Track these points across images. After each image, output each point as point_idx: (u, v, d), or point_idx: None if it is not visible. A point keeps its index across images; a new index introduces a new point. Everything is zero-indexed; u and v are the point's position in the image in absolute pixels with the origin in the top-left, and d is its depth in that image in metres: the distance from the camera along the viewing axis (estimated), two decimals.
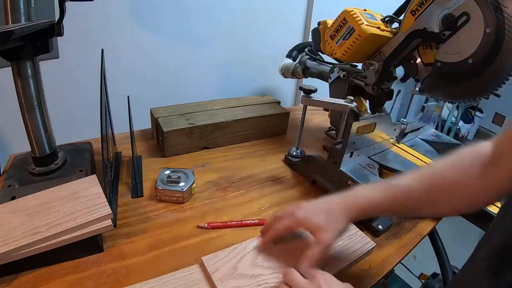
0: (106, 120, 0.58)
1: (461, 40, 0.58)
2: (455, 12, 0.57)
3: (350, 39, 0.69)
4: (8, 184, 0.55)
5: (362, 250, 0.51)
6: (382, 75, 0.71)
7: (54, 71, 0.79)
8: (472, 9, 0.55)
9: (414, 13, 0.63)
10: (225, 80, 1.19)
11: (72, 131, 0.77)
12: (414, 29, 0.63)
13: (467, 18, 0.56)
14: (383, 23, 0.70)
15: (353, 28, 0.68)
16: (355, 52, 0.70)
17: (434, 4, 0.60)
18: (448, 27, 0.59)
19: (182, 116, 0.81)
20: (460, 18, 0.57)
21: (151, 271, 0.47)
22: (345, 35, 0.70)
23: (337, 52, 0.73)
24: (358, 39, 0.67)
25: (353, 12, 0.68)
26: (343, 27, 0.69)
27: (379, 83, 0.72)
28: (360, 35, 0.66)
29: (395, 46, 0.67)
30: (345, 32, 0.69)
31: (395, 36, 0.68)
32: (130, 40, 0.92)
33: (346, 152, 0.66)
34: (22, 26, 0.44)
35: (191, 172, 0.65)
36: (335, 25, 0.72)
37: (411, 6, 0.63)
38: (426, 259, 1.32)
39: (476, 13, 0.55)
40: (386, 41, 0.69)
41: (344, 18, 0.69)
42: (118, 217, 0.56)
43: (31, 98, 0.52)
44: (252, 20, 1.15)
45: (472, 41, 0.56)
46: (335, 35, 0.72)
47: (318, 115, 1.12)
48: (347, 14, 0.68)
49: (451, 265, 0.73)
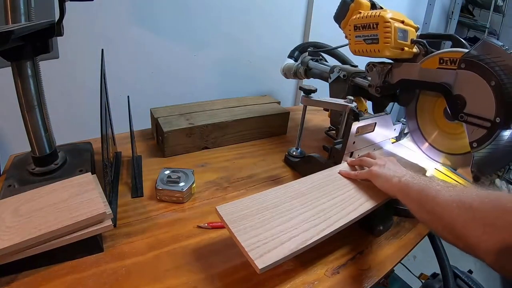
0: (106, 120, 0.58)
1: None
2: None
3: (369, 45, 0.66)
4: (8, 184, 0.55)
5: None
6: (387, 88, 0.70)
7: (54, 71, 0.78)
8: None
9: (442, 62, 0.61)
10: (225, 80, 1.19)
11: (72, 131, 0.77)
12: (436, 81, 0.62)
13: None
14: (410, 44, 0.66)
15: (377, 40, 0.64)
16: (366, 56, 0.69)
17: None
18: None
19: (182, 116, 0.81)
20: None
21: (151, 271, 0.47)
22: (367, 39, 0.66)
23: (351, 44, 0.70)
24: (375, 52, 0.65)
25: (387, 25, 0.62)
26: (371, 30, 0.65)
27: (383, 86, 0.71)
28: (379, 50, 0.64)
29: (408, 72, 0.66)
30: (369, 36, 0.65)
31: (412, 64, 0.66)
32: (130, 40, 0.92)
33: (346, 152, 0.65)
34: (22, 26, 0.44)
35: (191, 172, 0.65)
36: (365, 19, 0.66)
37: (443, 54, 0.61)
38: (426, 259, 1.32)
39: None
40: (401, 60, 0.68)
41: (377, 24, 0.64)
42: (118, 217, 0.56)
43: (31, 98, 0.52)
44: (252, 20, 1.15)
45: (486, 100, 0.54)
46: (359, 29, 0.67)
47: (318, 115, 1.12)
48: (382, 22, 0.63)
49: (451, 265, 0.73)
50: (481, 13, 2.28)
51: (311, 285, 0.48)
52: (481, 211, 0.36)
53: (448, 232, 0.40)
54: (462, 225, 0.37)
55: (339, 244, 0.55)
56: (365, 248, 0.56)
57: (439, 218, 0.41)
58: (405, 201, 0.49)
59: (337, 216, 0.50)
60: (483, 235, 0.34)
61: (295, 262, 0.51)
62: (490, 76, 0.53)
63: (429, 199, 0.43)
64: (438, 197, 0.42)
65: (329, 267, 0.51)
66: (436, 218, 0.42)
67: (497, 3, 2.02)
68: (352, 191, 0.56)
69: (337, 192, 0.55)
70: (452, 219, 0.39)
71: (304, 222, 0.47)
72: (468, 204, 0.38)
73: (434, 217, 0.42)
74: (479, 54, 0.54)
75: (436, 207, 0.42)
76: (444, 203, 0.41)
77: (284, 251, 0.42)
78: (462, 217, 0.38)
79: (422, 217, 0.45)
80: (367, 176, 0.57)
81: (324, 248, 0.53)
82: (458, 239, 0.38)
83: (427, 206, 0.43)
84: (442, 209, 0.41)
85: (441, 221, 0.41)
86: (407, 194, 0.48)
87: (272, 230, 0.45)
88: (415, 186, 0.47)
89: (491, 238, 0.34)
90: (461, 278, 0.87)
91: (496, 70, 0.53)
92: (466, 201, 0.38)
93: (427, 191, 0.44)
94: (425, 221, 0.46)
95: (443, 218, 0.40)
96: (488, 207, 0.36)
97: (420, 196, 0.45)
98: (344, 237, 0.56)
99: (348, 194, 0.55)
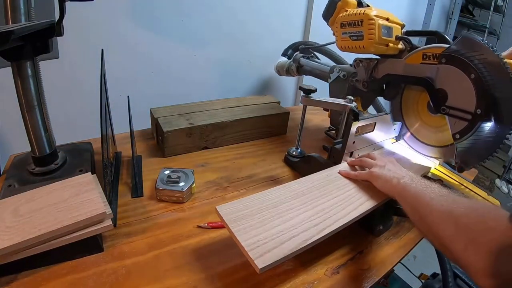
0: (106, 120, 0.58)
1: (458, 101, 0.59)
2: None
3: (354, 42, 0.67)
4: (8, 184, 0.55)
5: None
6: (373, 83, 0.72)
7: (54, 71, 0.79)
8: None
9: (425, 57, 0.63)
10: (225, 80, 1.19)
11: (72, 131, 0.77)
12: (419, 76, 0.63)
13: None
14: (395, 41, 0.67)
15: (362, 36, 0.66)
16: (353, 52, 0.70)
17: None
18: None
19: (182, 116, 0.81)
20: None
21: (151, 271, 0.47)
22: (353, 35, 0.68)
23: (338, 40, 0.72)
24: (360, 49, 0.67)
25: (371, 22, 0.64)
26: (356, 27, 0.67)
27: (369, 81, 0.73)
28: (364, 47, 0.66)
29: (392, 67, 0.67)
30: (354, 33, 0.67)
31: (397, 60, 0.67)
32: (130, 40, 0.92)
33: (346, 152, 0.66)
34: (22, 26, 0.44)
35: (191, 172, 0.65)
36: (350, 17, 0.68)
37: (426, 50, 0.62)
38: (426, 259, 1.32)
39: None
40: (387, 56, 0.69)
41: (361, 21, 0.66)
42: (118, 217, 0.56)
43: (31, 98, 0.52)
44: (252, 20, 1.15)
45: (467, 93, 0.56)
46: (345, 26, 0.69)
47: (318, 115, 1.12)
48: (366, 20, 0.65)
49: (451, 265, 0.73)
50: (481, 13, 2.28)
51: (311, 285, 0.48)
52: (466, 226, 0.37)
53: (436, 241, 0.41)
54: (447, 238, 0.38)
55: (339, 244, 0.55)
56: (365, 248, 0.56)
57: (429, 227, 0.42)
58: (402, 203, 0.49)
59: (337, 216, 0.50)
60: (466, 251, 0.35)
61: (295, 262, 0.51)
62: (469, 69, 0.55)
63: (422, 206, 0.44)
64: (430, 205, 0.43)
65: (329, 267, 0.51)
66: (426, 226, 0.43)
67: (497, 3, 2.02)
68: (352, 191, 0.56)
69: (337, 192, 0.55)
70: (440, 230, 0.40)
71: (304, 222, 0.47)
72: (456, 218, 0.38)
73: (425, 224, 0.43)
74: (459, 49, 0.56)
75: (428, 215, 0.42)
76: (435, 213, 0.41)
77: (284, 251, 0.42)
78: (448, 230, 0.38)
79: (416, 222, 0.46)
80: (367, 177, 0.57)
81: (324, 248, 0.53)
82: (445, 250, 0.39)
83: (420, 212, 0.44)
84: (432, 219, 0.41)
85: (431, 229, 0.42)
86: (404, 197, 0.49)
87: (272, 230, 0.45)
88: (411, 190, 0.48)
89: (473, 253, 0.34)
90: (461, 278, 0.87)
91: (476, 63, 0.54)
92: (455, 214, 0.39)
93: (421, 197, 0.45)
94: (418, 227, 0.46)
95: (432, 227, 0.41)
96: (473, 223, 0.36)
97: (415, 201, 0.46)
98: (344, 237, 0.56)
99: (348, 194, 0.55)
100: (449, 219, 0.39)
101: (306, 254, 0.47)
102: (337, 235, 0.48)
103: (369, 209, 0.53)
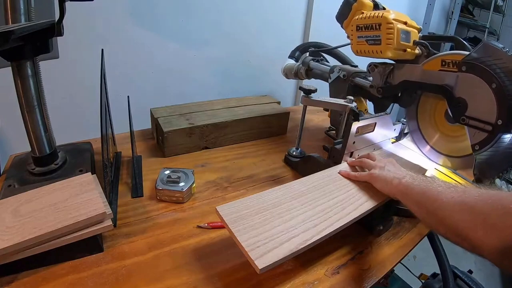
0: (106, 120, 0.58)
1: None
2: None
3: (371, 46, 0.65)
4: (8, 184, 0.55)
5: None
6: (389, 89, 0.69)
7: (54, 71, 0.78)
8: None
9: (444, 64, 0.61)
10: (225, 80, 1.19)
11: (72, 131, 0.77)
12: (438, 83, 0.61)
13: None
14: (413, 46, 0.65)
15: (380, 41, 0.63)
16: (368, 57, 0.68)
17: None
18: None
19: (182, 116, 0.81)
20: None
21: (151, 271, 0.47)
22: (370, 39, 0.65)
23: (353, 44, 0.70)
24: (377, 53, 0.65)
25: (390, 26, 0.62)
26: (373, 31, 0.64)
27: (385, 87, 0.70)
28: (382, 51, 0.64)
29: (410, 74, 0.65)
30: (371, 37, 0.65)
31: (414, 66, 0.65)
32: (130, 40, 0.92)
33: (346, 152, 0.65)
34: (22, 26, 0.44)
35: (191, 172, 0.65)
36: (368, 20, 0.65)
37: (445, 56, 0.60)
38: (426, 259, 1.32)
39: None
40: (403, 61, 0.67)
41: (379, 24, 0.63)
42: (118, 217, 0.56)
43: (31, 98, 0.52)
44: (252, 20, 1.15)
45: (487, 103, 0.54)
46: (361, 29, 0.67)
47: (318, 115, 1.12)
48: (384, 23, 0.62)
49: (451, 265, 0.73)
50: (481, 13, 2.28)
51: (311, 285, 0.48)
52: (483, 213, 0.36)
53: (451, 233, 0.40)
54: (465, 227, 0.37)
55: (339, 244, 0.55)
56: (365, 248, 0.56)
57: (442, 220, 0.41)
58: (406, 203, 0.49)
59: (337, 216, 0.50)
60: (486, 237, 0.34)
61: (295, 262, 0.51)
62: (491, 78, 0.53)
63: (431, 201, 0.43)
64: (440, 199, 0.42)
65: (329, 267, 0.51)
66: (438, 220, 0.42)
67: (497, 3, 2.02)
68: (352, 191, 0.56)
69: (337, 192, 0.55)
70: (455, 221, 0.39)
71: (304, 222, 0.47)
72: (470, 206, 0.38)
73: (437, 219, 0.42)
74: (480, 57, 0.54)
75: (438, 209, 0.42)
76: (446, 205, 0.41)
77: (284, 251, 0.42)
78: (464, 219, 0.38)
79: (424, 218, 0.45)
80: (367, 179, 0.57)
81: (324, 248, 0.53)
82: (463, 241, 0.38)
83: (429, 208, 0.43)
84: (444, 212, 0.41)
85: (444, 223, 0.41)
86: (408, 196, 0.48)
87: (272, 230, 0.45)
88: (416, 188, 0.47)
89: (494, 239, 0.34)
90: (461, 278, 0.87)
91: (497, 72, 0.52)
92: (468, 203, 0.38)
93: (428, 193, 0.44)
94: (427, 223, 0.46)
95: (445, 220, 0.40)
96: (490, 209, 0.36)
97: (422, 198, 0.45)
98: (344, 237, 0.56)
99: (348, 194, 0.55)
100: (464, 208, 0.38)
101: (306, 254, 0.47)
102: (337, 235, 0.48)
103: (369, 210, 0.53)
